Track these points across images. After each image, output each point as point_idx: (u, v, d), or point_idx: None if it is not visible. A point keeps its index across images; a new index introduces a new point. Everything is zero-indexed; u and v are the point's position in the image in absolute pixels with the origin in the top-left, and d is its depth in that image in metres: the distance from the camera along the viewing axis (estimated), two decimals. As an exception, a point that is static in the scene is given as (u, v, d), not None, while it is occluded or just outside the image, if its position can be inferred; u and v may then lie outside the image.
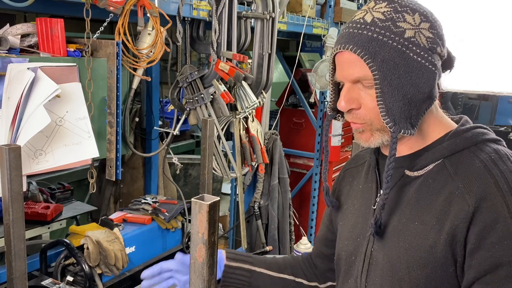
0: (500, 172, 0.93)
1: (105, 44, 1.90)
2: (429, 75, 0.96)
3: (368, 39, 0.95)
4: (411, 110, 0.98)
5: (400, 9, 0.97)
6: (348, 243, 1.17)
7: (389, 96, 0.96)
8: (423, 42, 0.96)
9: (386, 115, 0.98)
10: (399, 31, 0.95)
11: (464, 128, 1.03)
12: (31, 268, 1.98)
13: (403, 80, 0.95)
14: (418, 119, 1.00)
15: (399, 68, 0.95)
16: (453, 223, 0.93)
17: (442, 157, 1.01)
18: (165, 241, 2.38)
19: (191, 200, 0.97)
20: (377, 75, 0.96)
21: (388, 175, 1.00)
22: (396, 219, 1.04)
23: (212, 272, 1.00)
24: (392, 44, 0.95)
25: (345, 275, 1.18)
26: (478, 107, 7.09)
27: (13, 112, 1.55)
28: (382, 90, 0.96)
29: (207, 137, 1.89)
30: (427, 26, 0.97)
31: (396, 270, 1.02)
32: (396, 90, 0.96)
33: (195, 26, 2.56)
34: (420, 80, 0.96)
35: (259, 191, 3.34)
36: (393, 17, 0.96)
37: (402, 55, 0.95)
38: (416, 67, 0.95)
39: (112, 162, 1.99)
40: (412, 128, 0.99)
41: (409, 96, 0.96)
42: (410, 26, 0.96)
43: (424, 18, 0.97)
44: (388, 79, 0.95)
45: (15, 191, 1.32)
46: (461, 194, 0.94)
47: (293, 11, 3.26)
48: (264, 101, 2.81)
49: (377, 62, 0.95)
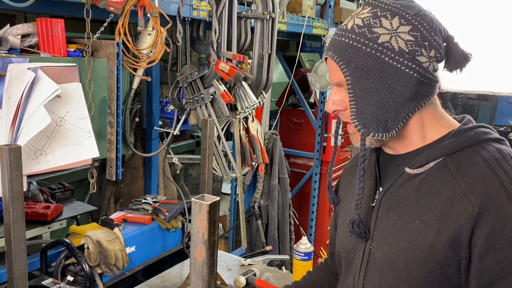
0: (504, 172, 0.93)
1: (106, 44, 1.90)
2: (406, 78, 0.97)
3: (345, 45, 0.99)
4: (387, 114, 1.00)
5: (380, 13, 0.99)
6: (347, 240, 1.17)
7: (362, 100, 1.00)
8: (400, 46, 0.97)
9: (355, 118, 1.01)
10: (373, 36, 0.97)
11: (466, 127, 1.03)
12: (31, 268, 1.99)
13: (377, 85, 0.98)
14: (398, 122, 1.01)
15: (373, 73, 0.98)
16: (456, 224, 0.93)
17: (443, 155, 1.01)
18: (165, 241, 2.38)
19: (191, 200, 0.98)
20: (350, 80, 1.00)
21: (360, 176, 1.05)
22: (396, 217, 1.04)
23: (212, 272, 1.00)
24: (366, 50, 0.97)
25: (345, 272, 1.19)
26: (478, 107, 7.08)
27: (13, 112, 1.55)
28: (355, 94, 1.00)
29: (207, 137, 1.90)
30: (407, 29, 0.97)
31: (395, 268, 1.02)
32: (369, 94, 0.99)
33: (195, 26, 2.56)
34: (396, 84, 0.98)
35: (259, 191, 3.34)
36: (370, 23, 0.98)
37: (376, 60, 0.97)
38: (391, 72, 0.97)
39: (112, 162, 1.99)
40: (385, 131, 1.01)
41: (384, 100, 0.99)
42: (386, 31, 0.97)
43: (405, 21, 0.97)
44: (360, 84, 0.99)
45: (16, 191, 1.32)
46: (464, 194, 0.93)
47: (293, 11, 3.26)
48: (264, 101, 2.81)
49: (351, 68, 0.99)
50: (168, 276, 2.12)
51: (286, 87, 3.98)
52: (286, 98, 4.02)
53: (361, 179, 1.05)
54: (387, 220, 1.06)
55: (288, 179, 3.57)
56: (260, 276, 2.08)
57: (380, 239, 1.06)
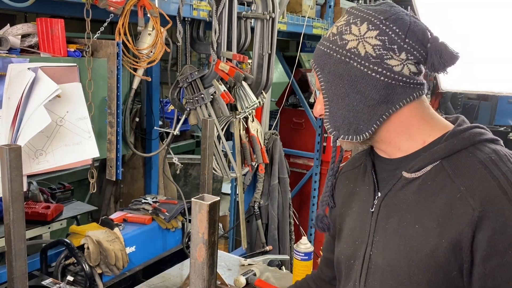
0: (502, 173, 0.92)
1: (106, 44, 1.90)
2: (374, 82, 1.00)
3: (321, 53, 1.06)
4: (359, 117, 1.03)
5: (352, 21, 1.03)
6: (346, 246, 1.17)
7: (334, 104, 1.05)
8: (368, 51, 1.00)
9: (328, 122, 1.07)
10: (343, 43, 1.02)
11: (461, 128, 1.02)
12: (31, 268, 1.99)
13: (347, 89, 1.02)
14: (371, 124, 1.03)
15: (343, 78, 1.02)
16: (457, 227, 0.92)
17: (439, 158, 1.00)
18: (165, 241, 2.38)
19: (191, 200, 0.98)
20: (323, 85, 1.06)
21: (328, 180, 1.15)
22: (396, 222, 1.03)
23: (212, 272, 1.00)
24: (336, 57, 1.03)
25: (346, 278, 1.18)
26: (478, 107, 7.08)
27: (13, 112, 1.55)
28: (329, 98, 1.06)
29: (207, 137, 1.90)
30: (374, 34, 1.00)
31: (396, 274, 1.01)
32: (340, 98, 1.04)
33: (195, 26, 2.56)
34: (365, 88, 1.01)
35: (259, 191, 3.35)
36: (342, 31, 1.03)
37: (345, 65, 1.02)
38: (359, 76, 1.01)
39: (112, 162, 1.99)
40: (356, 133, 1.04)
41: (355, 103, 1.02)
42: (354, 37, 1.01)
43: (372, 26, 1.00)
44: (333, 88, 1.04)
45: (16, 191, 1.32)
46: (464, 197, 0.93)
47: (293, 11, 3.26)
48: (264, 101, 2.81)
49: (324, 74, 1.05)
50: (168, 276, 2.12)
51: (286, 87, 3.98)
52: (286, 98, 4.02)
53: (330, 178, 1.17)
54: (386, 225, 1.05)
55: (288, 179, 3.57)
56: (260, 276, 2.08)
57: (380, 245, 1.06)
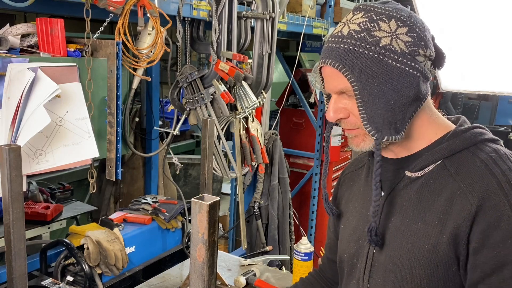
0: (501, 171, 0.95)
1: (105, 44, 1.90)
2: (411, 79, 0.98)
3: (345, 52, 0.99)
4: (396, 115, 1.00)
5: (375, 17, 0.99)
6: (349, 245, 1.18)
7: (371, 104, 0.99)
8: (401, 47, 0.98)
9: (367, 124, 1.01)
10: (374, 40, 0.98)
11: (462, 129, 1.04)
12: (31, 268, 1.98)
13: (383, 88, 0.98)
14: (405, 123, 1.02)
15: (378, 76, 0.98)
16: (455, 222, 0.94)
17: (442, 158, 1.02)
18: (165, 241, 2.38)
19: (191, 200, 0.98)
20: (356, 86, 0.99)
21: (376, 182, 1.03)
22: (399, 220, 1.05)
23: (212, 272, 1.00)
24: (369, 54, 0.97)
25: (348, 277, 1.19)
26: (478, 107, 7.07)
27: (13, 112, 1.55)
28: (363, 99, 1.00)
29: (207, 137, 1.89)
30: (404, 30, 0.98)
31: (398, 270, 1.03)
32: (377, 98, 0.99)
33: (195, 26, 2.56)
34: (402, 85, 0.98)
35: (259, 191, 3.34)
36: (368, 27, 0.99)
37: (379, 63, 0.97)
38: (396, 73, 0.98)
39: (112, 162, 1.99)
40: (396, 133, 1.01)
41: (392, 102, 0.99)
42: (386, 34, 0.98)
43: (401, 23, 0.99)
44: (367, 88, 0.99)
45: (15, 191, 1.32)
46: (463, 193, 0.95)
47: (293, 11, 3.26)
48: (264, 101, 2.81)
49: (355, 73, 0.98)
50: (168, 276, 2.12)
51: (286, 87, 3.97)
52: (286, 98, 4.01)
53: (377, 185, 1.03)
54: (389, 223, 1.07)
55: (288, 179, 3.56)
56: (260, 276, 2.08)
57: (383, 242, 1.07)
